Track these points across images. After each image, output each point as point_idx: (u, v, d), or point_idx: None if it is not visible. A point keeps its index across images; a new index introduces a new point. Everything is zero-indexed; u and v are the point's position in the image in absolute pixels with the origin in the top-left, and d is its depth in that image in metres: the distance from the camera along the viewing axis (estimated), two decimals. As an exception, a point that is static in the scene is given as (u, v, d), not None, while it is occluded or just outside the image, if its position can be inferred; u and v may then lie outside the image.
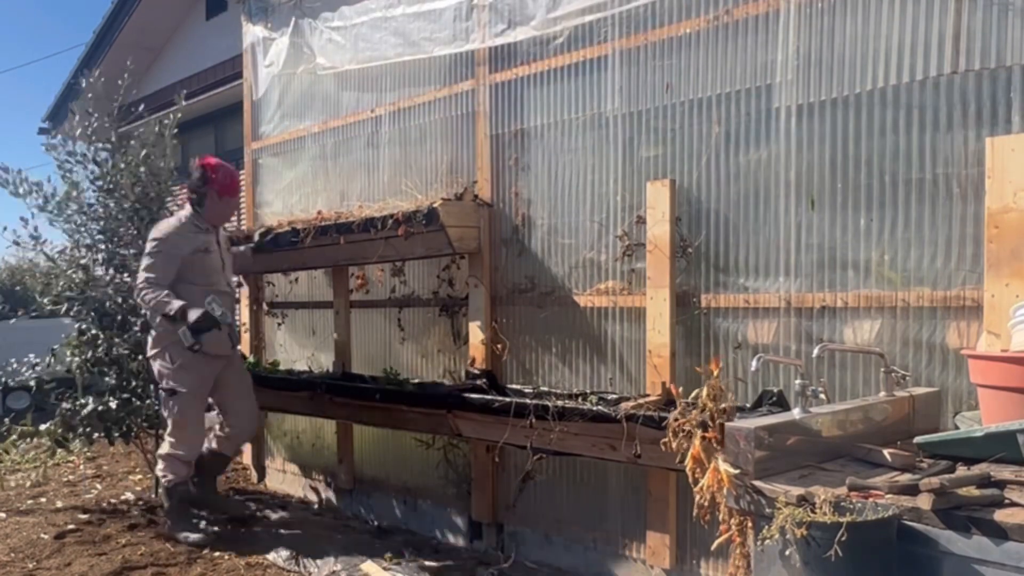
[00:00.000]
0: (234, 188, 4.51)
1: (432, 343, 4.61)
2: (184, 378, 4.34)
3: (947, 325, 2.77)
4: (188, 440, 4.41)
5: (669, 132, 3.48)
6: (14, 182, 4.96)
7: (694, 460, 2.39)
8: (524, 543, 4.10)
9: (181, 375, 4.34)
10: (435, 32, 4.27)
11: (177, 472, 4.43)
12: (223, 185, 4.40)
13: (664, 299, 3.39)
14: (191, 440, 4.43)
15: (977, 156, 2.67)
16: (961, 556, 1.73)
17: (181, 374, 4.34)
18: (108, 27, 10.74)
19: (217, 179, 4.38)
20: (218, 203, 4.41)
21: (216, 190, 4.37)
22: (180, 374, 4.34)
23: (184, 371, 4.34)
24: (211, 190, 4.37)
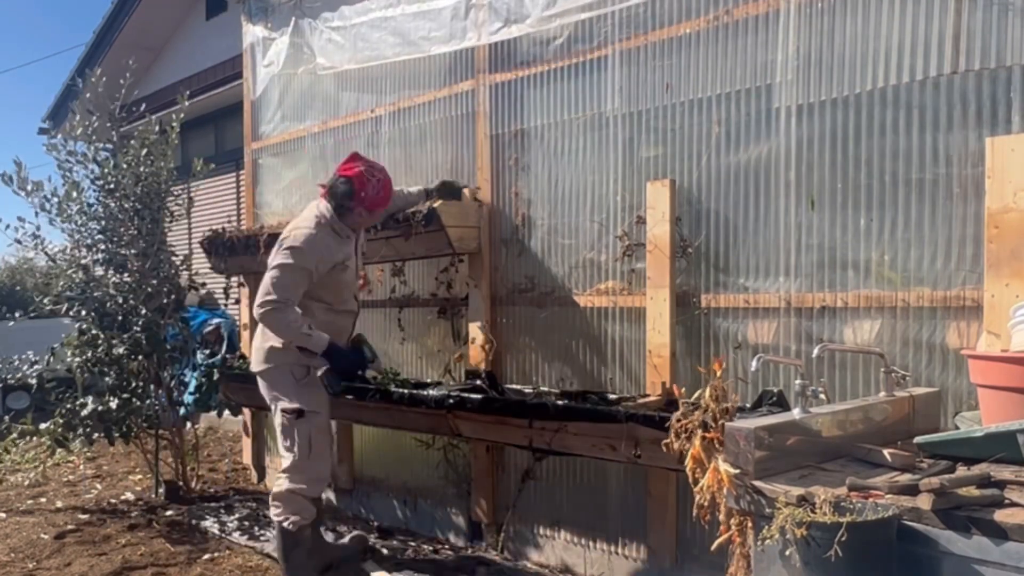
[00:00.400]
0: (386, 199, 3.71)
1: (432, 343, 4.61)
2: (314, 396, 3.65)
3: (947, 325, 2.77)
4: (317, 472, 3.68)
5: (669, 132, 3.48)
6: (18, 179, 4.96)
7: (694, 460, 2.39)
8: (524, 543, 4.10)
9: (309, 393, 3.64)
10: (433, 31, 4.27)
11: (303, 513, 3.66)
12: (374, 202, 3.64)
13: (664, 299, 3.39)
14: (320, 472, 3.70)
15: (977, 156, 2.67)
16: (961, 556, 1.73)
17: (309, 392, 3.64)
18: (108, 27, 10.75)
19: (368, 197, 3.61)
20: (366, 217, 3.72)
21: (366, 208, 3.64)
22: (308, 392, 3.64)
23: (313, 388, 3.65)
24: (360, 207, 3.63)
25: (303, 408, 3.62)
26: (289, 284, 3.49)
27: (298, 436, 3.62)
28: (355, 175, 3.60)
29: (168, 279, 5.19)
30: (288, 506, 3.65)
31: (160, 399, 5.26)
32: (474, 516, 4.29)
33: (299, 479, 3.63)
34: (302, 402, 3.62)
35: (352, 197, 3.59)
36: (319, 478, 3.72)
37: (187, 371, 5.89)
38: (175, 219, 5.38)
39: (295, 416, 3.61)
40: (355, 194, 3.59)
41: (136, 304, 5.02)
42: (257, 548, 4.30)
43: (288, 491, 3.64)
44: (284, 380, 3.65)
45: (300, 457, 3.62)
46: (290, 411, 3.62)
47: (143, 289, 5.04)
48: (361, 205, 3.62)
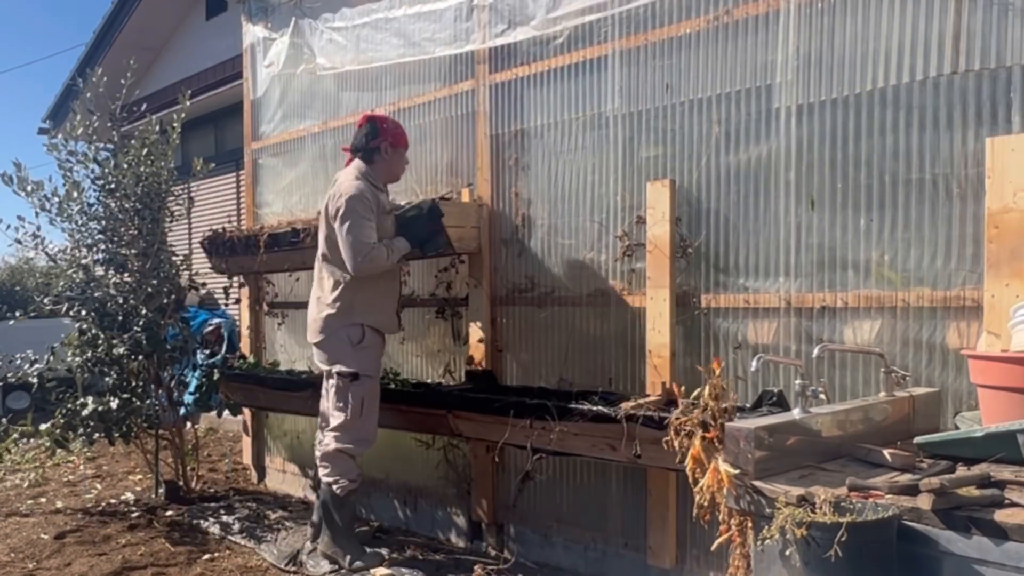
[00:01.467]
0: (405, 138, 4.04)
1: (432, 343, 4.61)
2: (368, 360, 3.87)
3: (947, 325, 2.77)
4: (365, 432, 3.88)
5: (669, 132, 3.48)
6: (18, 179, 4.96)
7: (694, 460, 2.39)
8: (524, 543, 4.10)
9: (364, 356, 3.85)
10: (436, 32, 4.27)
11: (350, 474, 3.86)
12: (395, 135, 3.96)
13: (664, 299, 3.39)
14: (368, 433, 3.90)
15: (977, 156, 2.67)
16: (961, 556, 1.73)
17: (364, 355, 3.85)
18: (108, 27, 10.75)
19: (388, 129, 3.94)
20: (392, 156, 3.95)
21: (390, 142, 3.92)
22: (363, 355, 3.85)
23: (367, 352, 3.86)
24: (384, 142, 3.90)
25: (359, 372, 3.83)
26: (362, 235, 3.71)
27: (352, 398, 3.83)
28: (370, 116, 3.99)
29: (168, 279, 5.19)
30: (336, 466, 3.85)
31: (160, 399, 5.26)
32: (474, 516, 4.29)
33: (347, 438, 3.84)
34: (358, 366, 3.83)
35: (376, 134, 3.89)
36: (366, 438, 3.90)
37: (187, 371, 5.89)
38: (175, 219, 5.38)
39: (350, 379, 3.82)
40: (378, 129, 3.90)
41: (136, 304, 5.02)
42: (257, 548, 4.29)
43: (336, 450, 3.84)
44: (341, 346, 3.84)
45: (352, 417, 3.83)
46: (346, 374, 3.82)
47: (143, 289, 5.04)
48: (385, 139, 3.90)
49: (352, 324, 3.84)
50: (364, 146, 3.92)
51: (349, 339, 3.83)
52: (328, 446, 3.86)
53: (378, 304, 3.90)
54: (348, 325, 3.84)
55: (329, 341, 3.87)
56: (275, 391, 5.01)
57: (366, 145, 3.91)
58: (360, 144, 3.93)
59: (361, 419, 3.85)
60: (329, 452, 3.86)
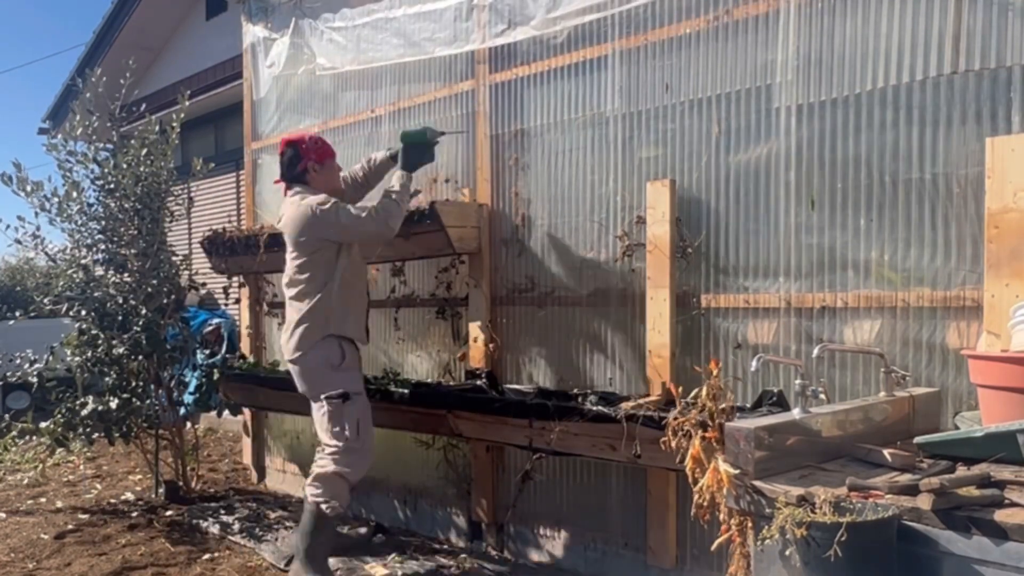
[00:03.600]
0: (330, 148, 3.93)
1: (432, 343, 4.61)
2: (352, 380, 3.72)
3: (947, 325, 2.78)
4: (364, 455, 3.70)
5: (669, 132, 3.48)
6: (18, 179, 4.96)
7: (694, 460, 2.39)
8: (524, 543, 4.10)
9: (348, 376, 3.71)
10: (436, 32, 4.27)
11: (341, 497, 3.66)
12: (318, 150, 3.83)
13: (664, 299, 3.39)
14: (366, 455, 3.72)
15: (977, 156, 2.67)
16: (961, 556, 1.73)
17: (348, 375, 3.71)
18: (108, 27, 10.75)
19: (309, 147, 3.82)
20: (323, 171, 3.84)
21: (314, 159, 3.80)
22: (347, 375, 3.70)
23: (349, 372, 3.72)
24: (309, 162, 3.79)
25: (347, 391, 3.66)
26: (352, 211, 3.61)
27: (347, 420, 3.65)
28: (287, 140, 3.88)
29: (168, 279, 5.19)
30: (329, 488, 3.66)
31: (160, 399, 5.25)
32: (474, 516, 4.29)
33: (346, 462, 3.65)
34: (345, 385, 3.67)
35: (299, 156, 3.79)
36: (363, 462, 3.73)
37: (187, 371, 5.89)
38: (175, 219, 5.38)
39: (341, 400, 3.65)
40: (299, 151, 3.80)
41: (136, 304, 5.02)
42: (257, 548, 4.29)
43: (334, 473, 3.64)
44: (323, 371, 3.69)
45: (351, 440, 3.65)
46: (336, 396, 3.65)
47: (143, 289, 5.03)
48: (309, 159, 3.79)
49: (327, 337, 3.68)
50: (293, 172, 3.81)
51: (329, 362, 3.69)
52: (326, 468, 3.67)
53: (350, 315, 3.77)
54: (324, 339, 3.68)
55: (309, 366, 3.72)
56: (275, 391, 5.00)
57: (294, 170, 3.81)
58: (288, 172, 3.83)
59: (359, 439, 3.68)
60: (326, 474, 3.66)
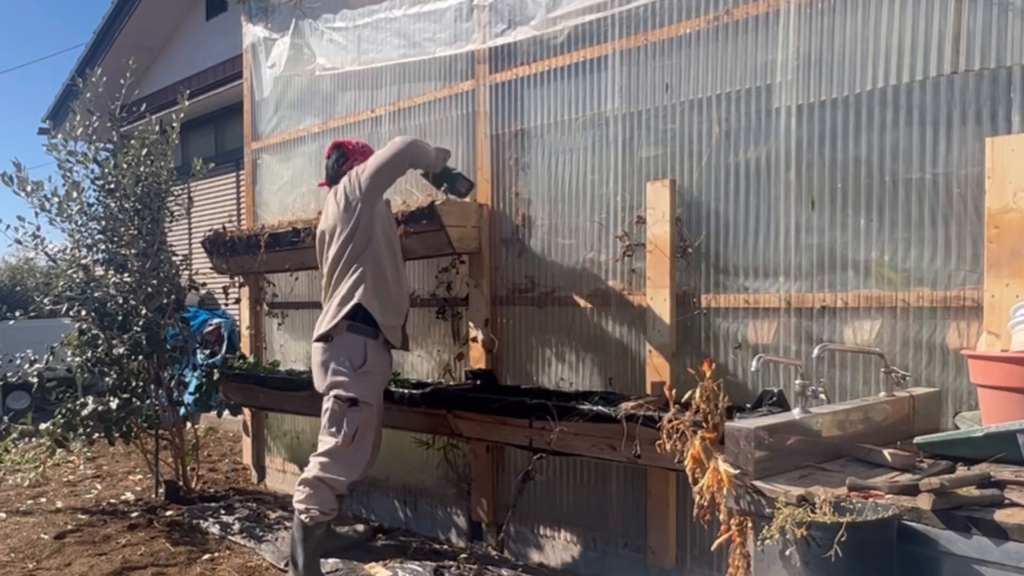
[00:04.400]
0: (367, 147, 4.04)
1: (432, 343, 4.61)
2: (369, 387, 3.61)
3: (947, 325, 2.78)
4: (354, 464, 3.62)
5: (669, 132, 3.48)
6: (18, 179, 4.96)
7: (694, 460, 2.39)
8: (524, 543, 4.10)
9: (365, 383, 3.59)
10: (436, 33, 4.27)
11: (325, 505, 3.59)
12: (364, 153, 3.92)
13: (664, 299, 3.39)
14: (357, 465, 3.63)
15: (977, 156, 2.67)
16: (961, 556, 1.73)
17: (365, 381, 3.59)
18: (108, 27, 10.76)
19: (356, 149, 3.96)
20: None
21: (360, 160, 3.84)
22: (364, 381, 3.59)
23: (369, 378, 3.61)
24: (356, 163, 3.83)
25: (358, 397, 3.59)
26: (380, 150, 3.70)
27: (347, 424, 3.57)
28: (336, 143, 4.03)
29: (168, 279, 5.19)
30: (315, 495, 3.59)
31: (160, 399, 5.25)
32: (474, 516, 4.29)
33: (333, 468, 3.58)
34: (358, 391, 3.59)
35: (346, 158, 3.93)
36: (353, 472, 3.63)
37: (187, 371, 5.89)
38: (175, 219, 5.38)
39: (348, 404, 3.58)
40: (346, 153, 3.95)
41: (136, 304, 5.02)
42: (257, 548, 4.29)
43: (317, 478, 3.58)
44: (342, 368, 3.60)
45: (342, 445, 3.57)
46: (344, 399, 3.58)
47: (143, 289, 5.04)
48: (356, 160, 3.89)
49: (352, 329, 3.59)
50: (338, 172, 3.88)
51: (351, 362, 3.59)
52: (311, 471, 3.60)
53: (391, 303, 3.66)
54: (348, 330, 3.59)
55: (334, 350, 3.62)
56: (275, 391, 5.01)
57: (339, 171, 3.88)
58: (334, 172, 3.92)
59: (351, 449, 3.59)
60: (309, 479, 3.60)
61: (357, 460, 3.63)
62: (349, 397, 3.58)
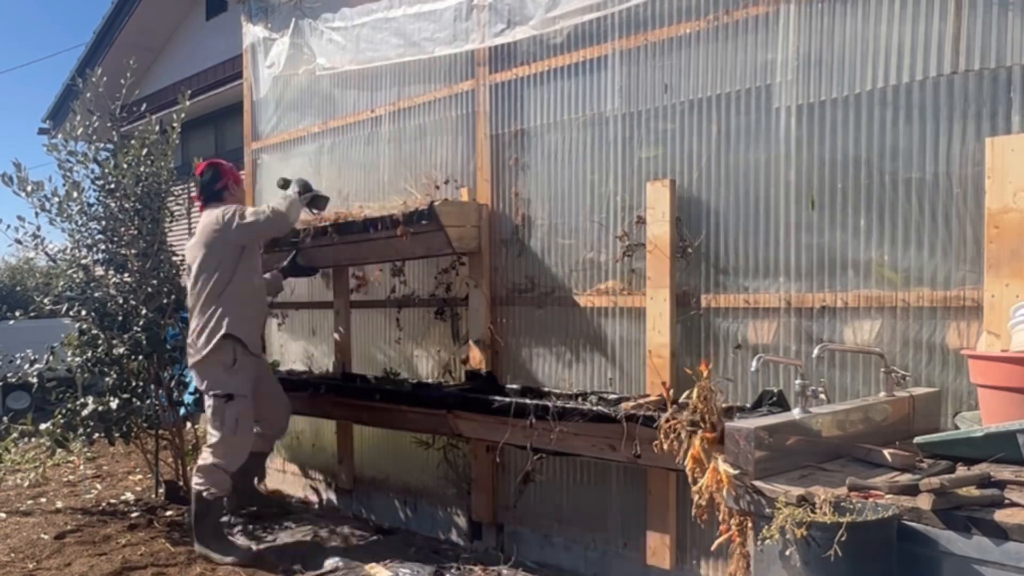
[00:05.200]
0: (239, 175, 4.67)
1: (432, 343, 4.61)
2: (241, 381, 4.23)
3: (947, 325, 2.77)
4: (237, 450, 4.24)
5: (669, 132, 3.48)
6: (18, 180, 4.95)
7: (694, 460, 2.39)
8: (524, 543, 4.10)
9: (238, 378, 4.21)
10: (435, 32, 4.27)
11: (219, 485, 4.22)
12: (234, 174, 4.54)
13: (664, 299, 3.39)
14: (240, 449, 4.26)
15: (977, 156, 2.67)
16: (961, 556, 1.73)
17: (239, 377, 4.21)
18: (108, 27, 10.76)
19: (228, 169, 4.50)
20: (236, 191, 4.53)
21: (232, 179, 4.49)
22: (237, 377, 4.21)
23: (241, 373, 4.22)
24: (228, 181, 4.46)
25: (233, 393, 4.19)
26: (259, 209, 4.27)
27: (227, 417, 4.17)
28: (209, 162, 4.52)
29: (168, 279, 5.19)
30: (209, 478, 4.19)
31: (160, 399, 5.25)
32: (474, 516, 4.29)
33: (221, 453, 4.19)
34: (232, 388, 4.19)
35: (219, 176, 4.42)
36: (239, 454, 4.26)
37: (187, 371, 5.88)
38: (176, 219, 5.38)
39: (225, 400, 4.17)
40: (220, 172, 4.44)
41: (136, 304, 5.02)
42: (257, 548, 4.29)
43: (212, 465, 4.18)
44: (216, 370, 4.19)
45: (227, 434, 4.18)
46: (221, 395, 4.17)
47: (143, 289, 5.03)
48: (228, 178, 4.45)
49: (224, 338, 4.16)
50: (211, 188, 4.42)
51: (223, 363, 4.18)
52: (206, 460, 4.20)
53: (245, 320, 4.28)
54: (220, 339, 4.16)
55: (205, 364, 4.21)
56: (275, 391, 5.00)
57: (213, 187, 4.42)
58: (207, 187, 4.43)
59: (235, 437, 4.19)
60: (206, 466, 4.19)
61: (241, 445, 4.26)
62: (226, 394, 4.18)
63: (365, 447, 5.08)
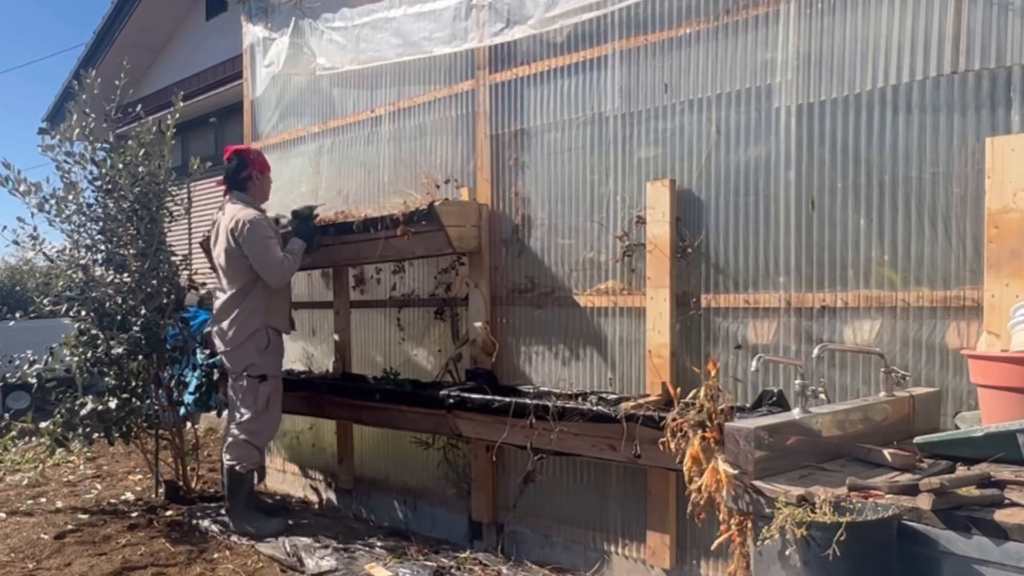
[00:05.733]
0: (265, 161, 4.67)
1: (432, 343, 4.61)
2: (273, 362, 4.47)
3: (947, 325, 2.77)
4: (267, 426, 4.52)
5: (669, 132, 3.48)
6: (13, 180, 4.95)
7: (693, 460, 2.39)
8: (524, 543, 4.10)
9: (270, 359, 4.45)
10: (435, 32, 4.27)
11: (250, 458, 4.48)
12: (260, 163, 4.58)
13: (664, 299, 3.39)
14: (270, 426, 4.55)
15: (977, 156, 2.67)
16: (961, 556, 1.73)
17: (270, 359, 4.45)
18: (108, 27, 10.76)
19: (254, 158, 4.56)
20: (261, 180, 4.57)
21: (257, 169, 4.54)
22: (269, 359, 4.44)
23: (272, 355, 4.47)
24: (253, 170, 4.52)
25: (267, 373, 4.42)
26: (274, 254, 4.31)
27: (260, 395, 4.42)
28: (235, 149, 4.59)
29: (167, 279, 5.19)
30: (240, 451, 4.45)
31: (160, 399, 5.25)
32: (474, 516, 4.29)
33: (253, 429, 4.44)
34: (265, 368, 4.42)
35: (244, 164, 4.49)
36: (269, 430, 4.59)
37: (187, 371, 5.88)
38: (174, 219, 5.37)
39: (259, 380, 4.41)
40: (245, 160, 4.50)
41: (136, 304, 5.01)
42: (257, 547, 4.29)
43: (244, 440, 4.44)
44: (250, 352, 4.40)
45: (259, 412, 4.43)
46: (255, 376, 4.40)
47: (142, 289, 5.03)
48: (253, 168, 4.51)
49: (258, 328, 4.38)
50: (236, 177, 4.50)
51: (256, 346, 4.40)
52: (236, 436, 4.45)
53: (276, 307, 4.47)
54: (255, 330, 4.38)
55: (238, 350, 4.40)
56: (275, 391, 5.00)
57: (237, 176, 4.49)
58: (232, 175, 4.51)
59: (267, 413, 4.46)
60: (236, 442, 4.44)
61: (271, 422, 4.54)
62: (260, 374, 4.40)
63: (365, 447, 5.08)
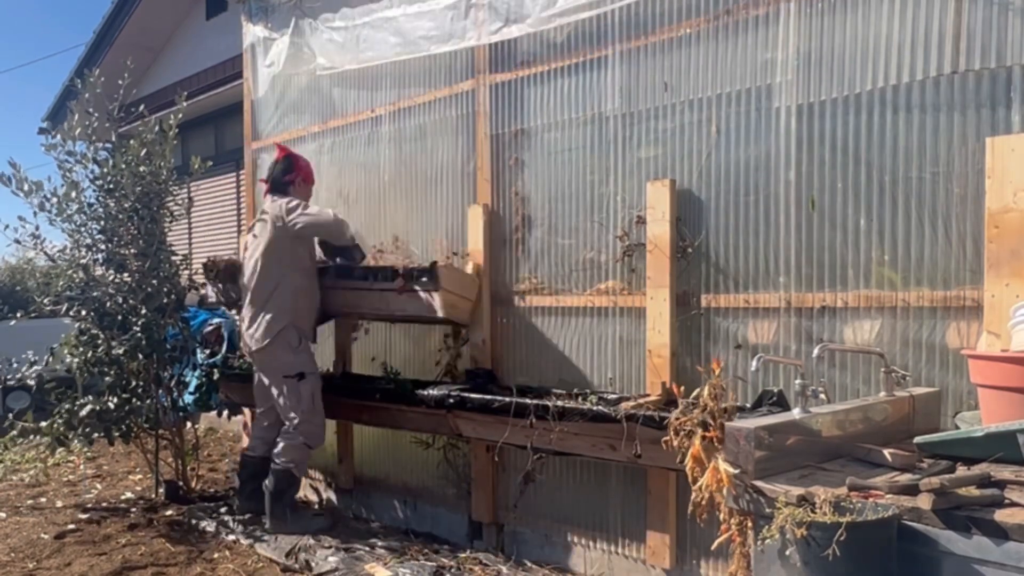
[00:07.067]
0: (311, 173, 4.62)
1: (432, 343, 4.61)
2: (308, 359, 4.36)
3: (947, 325, 2.77)
4: (318, 427, 4.38)
5: (669, 132, 3.48)
6: (16, 180, 4.94)
7: (694, 459, 2.39)
8: (524, 543, 4.10)
9: (304, 357, 4.34)
10: (433, 30, 4.28)
11: (305, 461, 4.41)
12: (307, 173, 4.55)
13: (664, 299, 3.39)
14: (320, 426, 4.40)
15: (977, 156, 2.67)
16: (961, 556, 1.73)
17: (304, 356, 4.34)
18: (108, 27, 10.74)
19: (302, 166, 4.52)
20: (301, 190, 4.49)
21: (302, 177, 4.50)
22: (303, 356, 4.34)
23: (306, 352, 4.36)
24: (297, 177, 4.46)
25: (303, 371, 4.29)
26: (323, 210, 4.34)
27: (303, 395, 4.28)
28: (287, 152, 4.56)
29: (168, 279, 5.18)
30: (298, 454, 4.33)
31: (160, 399, 5.25)
32: (474, 516, 4.29)
33: (307, 431, 4.31)
34: (300, 366, 4.29)
35: (291, 169, 4.45)
36: (320, 430, 4.41)
37: (187, 371, 5.88)
38: (175, 219, 5.37)
39: (298, 379, 4.27)
40: (293, 165, 4.46)
41: (136, 304, 5.01)
42: (257, 547, 4.29)
43: (303, 443, 4.31)
44: (283, 353, 4.29)
45: (307, 412, 4.29)
46: (293, 375, 4.26)
47: (143, 289, 5.03)
48: (298, 175, 4.47)
49: (286, 326, 4.27)
50: (280, 179, 4.44)
51: (289, 345, 4.29)
52: (294, 440, 4.32)
53: (304, 310, 4.38)
54: (286, 327, 4.28)
55: (268, 351, 4.31)
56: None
57: (281, 178, 4.44)
58: (277, 177, 4.45)
59: (313, 413, 4.33)
60: (295, 444, 4.31)
61: (320, 421, 4.39)
62: (297, 373, 4.28)
63: (365, 447, 5.08)
